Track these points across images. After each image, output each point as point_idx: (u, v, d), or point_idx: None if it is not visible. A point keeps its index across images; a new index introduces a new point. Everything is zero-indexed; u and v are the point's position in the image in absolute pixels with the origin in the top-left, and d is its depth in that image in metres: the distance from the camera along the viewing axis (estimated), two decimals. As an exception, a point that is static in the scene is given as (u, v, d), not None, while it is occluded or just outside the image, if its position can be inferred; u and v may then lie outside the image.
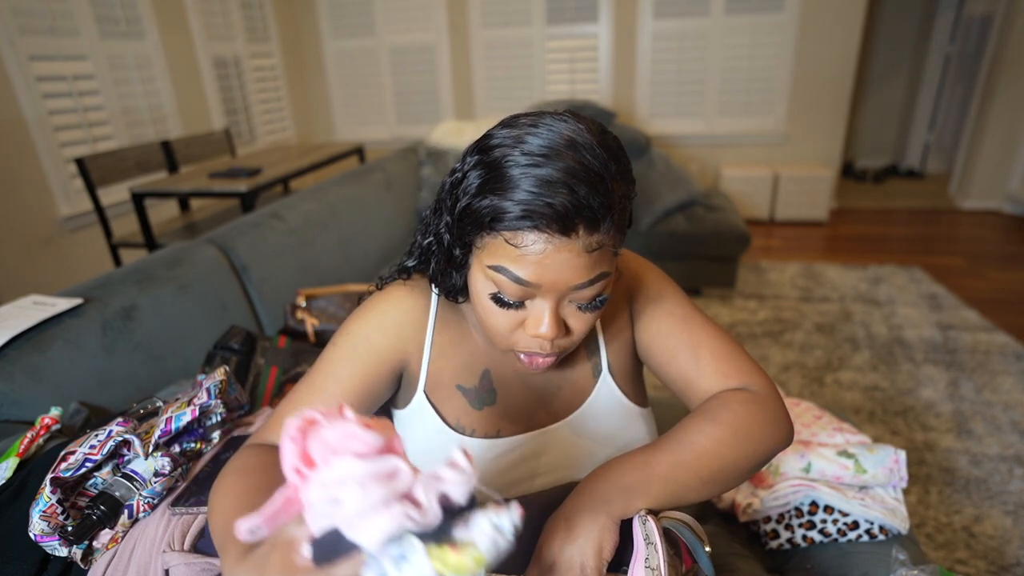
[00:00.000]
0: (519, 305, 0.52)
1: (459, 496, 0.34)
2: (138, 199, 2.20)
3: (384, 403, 0.66)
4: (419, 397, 0.63)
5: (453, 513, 0.34)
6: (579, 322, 0.54)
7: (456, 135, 2.82)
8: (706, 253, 2.71)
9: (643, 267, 0.69)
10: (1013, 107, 3.79)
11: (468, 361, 0.63)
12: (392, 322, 0.62)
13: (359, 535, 0.31)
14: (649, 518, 0.53)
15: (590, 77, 4.09)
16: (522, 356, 0.56)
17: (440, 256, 0.58)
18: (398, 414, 0.66)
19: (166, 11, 3.13)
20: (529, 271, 0.48)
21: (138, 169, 2.52)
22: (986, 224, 3.80)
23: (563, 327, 0.53)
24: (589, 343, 0.67)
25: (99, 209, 2.31)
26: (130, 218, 2.75)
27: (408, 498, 0.32)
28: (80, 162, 2.23)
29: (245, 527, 0.34)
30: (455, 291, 0.60)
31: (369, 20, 4.27)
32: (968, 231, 3.69)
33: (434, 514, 0.32)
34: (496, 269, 0.50)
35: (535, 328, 0.52)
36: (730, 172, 3.94)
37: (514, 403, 0.64)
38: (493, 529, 0.33)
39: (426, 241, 0.60)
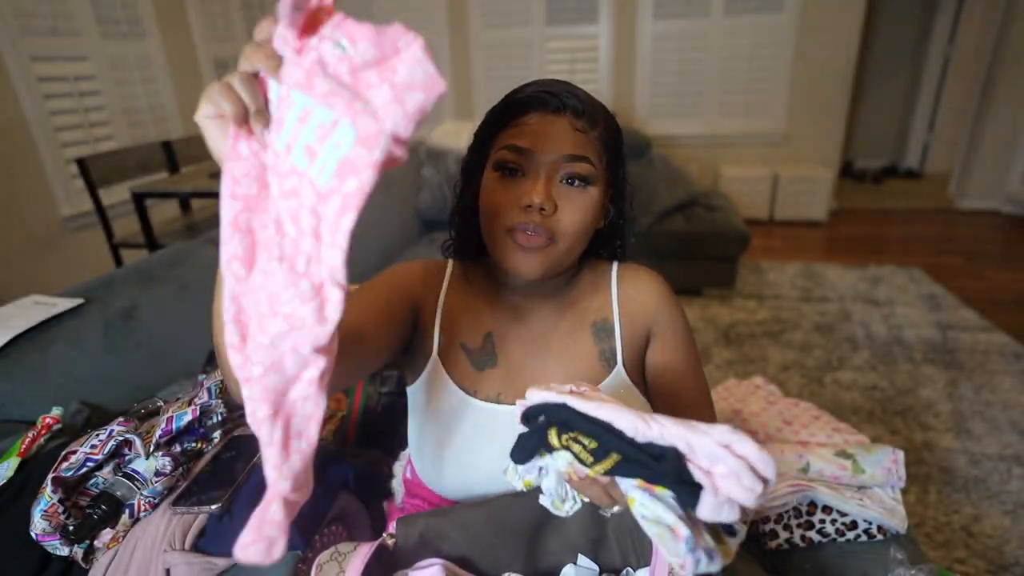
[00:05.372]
0: (518, 172, 0.61)
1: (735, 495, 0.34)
2: (139, 199, 2.20)
3: (398, 387, 0.72)
4: (433, 359, 0.68)
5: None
6: (567, 204, 0.61)
7: (456, 135, 2.82)
8: (706, 253, 2.71)
9: (674, 300, 0.73)
10: (1012, 107, 3.79)
11: (473, 322, 0.69)
12: (412, 268, 0.72)
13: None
14: None
15: (590, 78, 4.08)
16: (517, 238, 0.61)
17: (463, 200, 0.70)
18: (412, 388, 0.70)
19: (167, 12, 3.13)
20: (527, 139, 0.60)
21: (139, 169, 2.52)
22: (985, 224, 3.80)
23: (552, 203, 0.60)
24: (598, 329, 0.69)
25: (100, 209, 2.31)
26: (131, 218, 2.74)
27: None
28: (81, 162, 2.23)
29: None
30: (470, 243, 0.71)
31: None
32: (967, 231, 3.69)
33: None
34: (502, 148, 0.62)
35: (528, 194, 0.59)
36: (729, 172, 3.94)
37: (515, 370, 0.68)
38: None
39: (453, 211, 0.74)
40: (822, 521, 0.85)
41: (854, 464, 0.87)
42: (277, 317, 0.33)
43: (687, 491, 0.35)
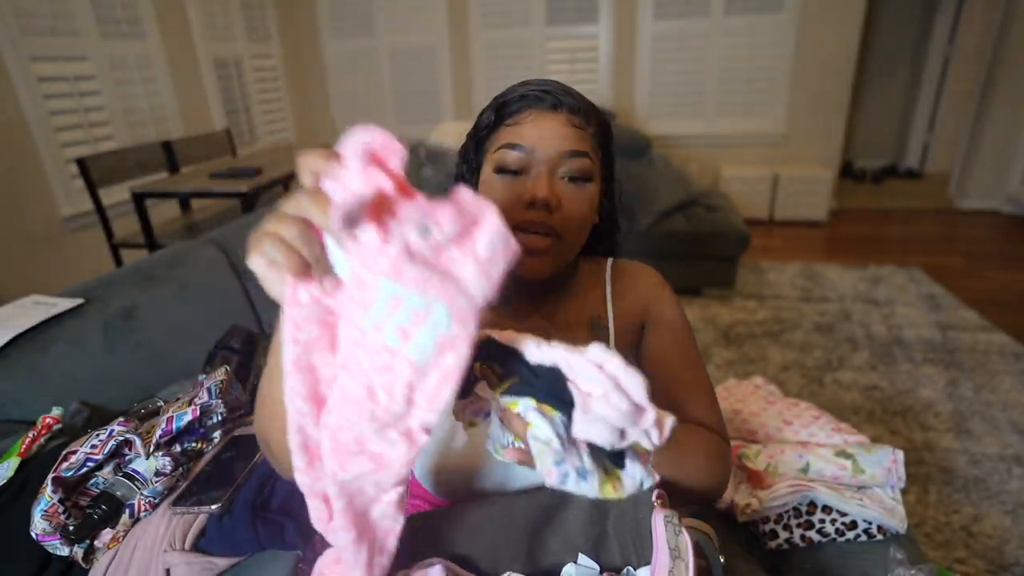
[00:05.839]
0: (520, 172, 0.61)
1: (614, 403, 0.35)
2: (139, 199, 2.20)
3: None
4: None
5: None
6: (569, 200, 0.61)
7: (456, 135, 2.83)
8: (706, 253, 2.72)
9: (668, 293, 0.73)
10: (1012, 107, 3.79)
11: None
12: None
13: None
14: (685, 531, 0.52)
15: (590, 77, 4.09)
16: (521, 239, 0.59)
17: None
18: None
19: (167, 12, 3.14)
20: (526, 138, 0.61)
21: (139, 169, 2.52)
22: (985, 224, 3.80)
23: (557, 199, 0.60)
24: (595, 325, 0.69)
25: (100, 209, 2.31)
26: (131, 218, 2.74)
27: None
28: (81, 162, 2.24)
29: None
30: None
31: (369, 20, 4.27)
32: (967, 231, 3.69)
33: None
34: (501, 148, 0.62)
35: (532, 192, 0.60)
36: (729, 172, 3.94)
37: None
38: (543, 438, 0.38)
39: None
40: (822, 521, 0.85)
41: (854, 464, 0.87)
42: (363, 456, 0.34)
43: (560, 405, 0.38)
